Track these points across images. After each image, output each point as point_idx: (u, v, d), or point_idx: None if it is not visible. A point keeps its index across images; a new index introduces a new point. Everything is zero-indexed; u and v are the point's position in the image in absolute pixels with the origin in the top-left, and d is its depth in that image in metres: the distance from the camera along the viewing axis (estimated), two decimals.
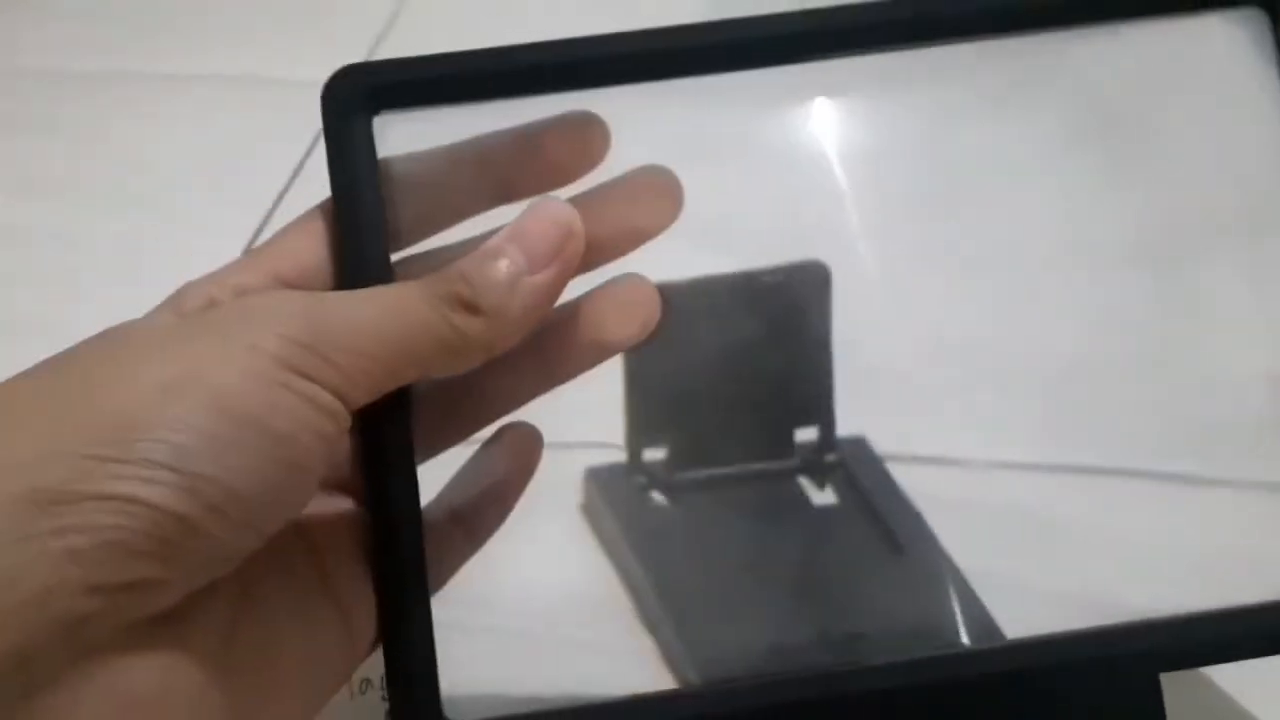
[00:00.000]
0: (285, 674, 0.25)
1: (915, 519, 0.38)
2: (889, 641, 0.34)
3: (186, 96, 0.70)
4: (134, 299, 0.53)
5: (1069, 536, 0.38)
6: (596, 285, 0.29)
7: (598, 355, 0.29)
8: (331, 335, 0.23)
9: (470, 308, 0.24)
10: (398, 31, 0.80)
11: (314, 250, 0.27)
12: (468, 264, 0.25)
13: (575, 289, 0.28)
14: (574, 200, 0.26)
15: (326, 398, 0.23)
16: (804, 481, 0.39)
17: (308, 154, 0.64)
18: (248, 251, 0.28)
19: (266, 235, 0.57)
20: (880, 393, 0.39)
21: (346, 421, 0.24)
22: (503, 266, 0.25)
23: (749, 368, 0.38)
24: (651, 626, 0.37)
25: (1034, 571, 0.36)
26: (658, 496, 0.39)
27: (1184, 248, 0.41)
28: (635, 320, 0.28)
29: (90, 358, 0.24)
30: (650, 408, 0.38)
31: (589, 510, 0.40)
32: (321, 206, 0.27)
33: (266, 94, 0.70)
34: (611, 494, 0.39)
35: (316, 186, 0.60)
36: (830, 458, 0.39)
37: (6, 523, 0.20)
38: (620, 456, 0.39)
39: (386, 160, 0.26)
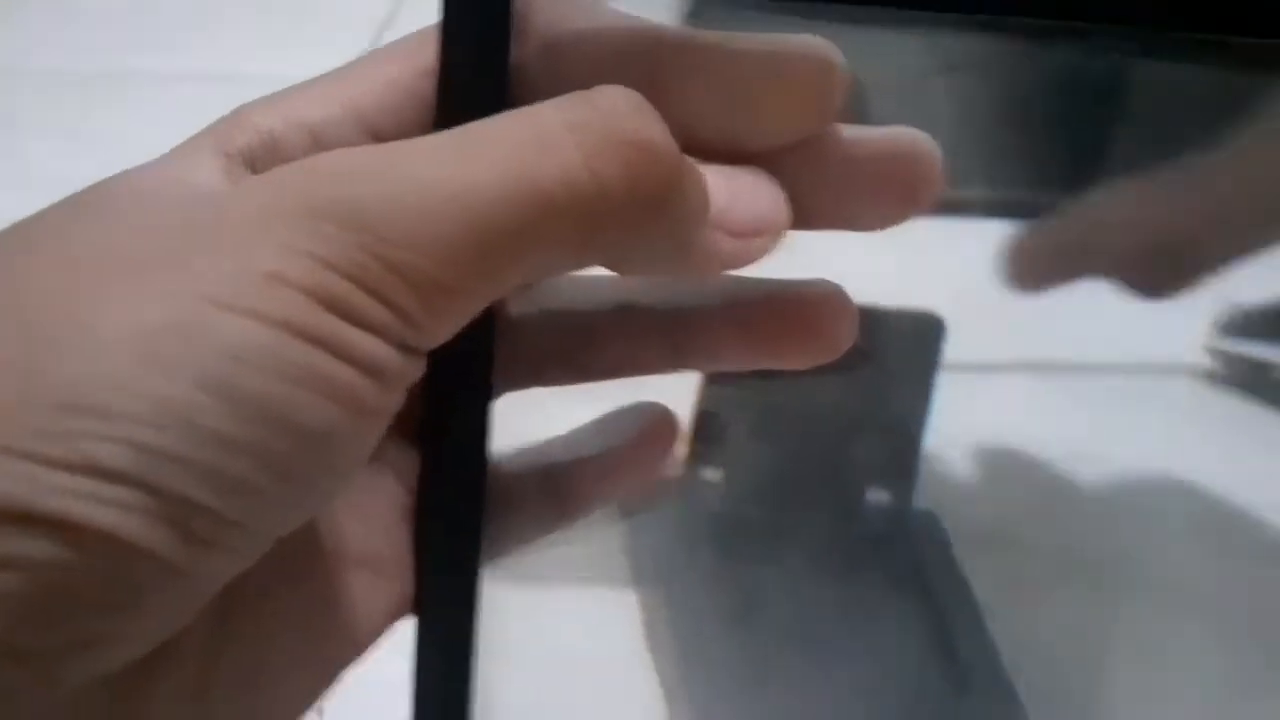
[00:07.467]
0: (275, 680, 0.18)
1: (979, 624, 0.33)
2: None
3: (184, 95, 0.69)
4: None
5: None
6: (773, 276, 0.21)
7: (754, 360, 0.21)
8: (398, 233, 0.15)
9: (640, 150, 0.16)
10: (396, 30, 0.79)
11: (409, 82, 0.18)
12: (628, 100, 0.16)
13: None
14: (802, 144, 0.19)
15: (385, 353, 0.15)
16: (865, 545, 0.34)
17: None
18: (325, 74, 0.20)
19: None
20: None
21: (412, 377, 0.16)
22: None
23: (834, 407, 0.33)
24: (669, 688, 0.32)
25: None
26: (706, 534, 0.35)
27: None
28: (821, 338, 0.20)
29: (46, 262, 0.15)
30: (718, 422, 0.33)
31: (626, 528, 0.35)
32: (423, 31, 0.19)
33: (265, 92, 0.69)
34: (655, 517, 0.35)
35: None
36: (899, 529, 0.34)
37: None
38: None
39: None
